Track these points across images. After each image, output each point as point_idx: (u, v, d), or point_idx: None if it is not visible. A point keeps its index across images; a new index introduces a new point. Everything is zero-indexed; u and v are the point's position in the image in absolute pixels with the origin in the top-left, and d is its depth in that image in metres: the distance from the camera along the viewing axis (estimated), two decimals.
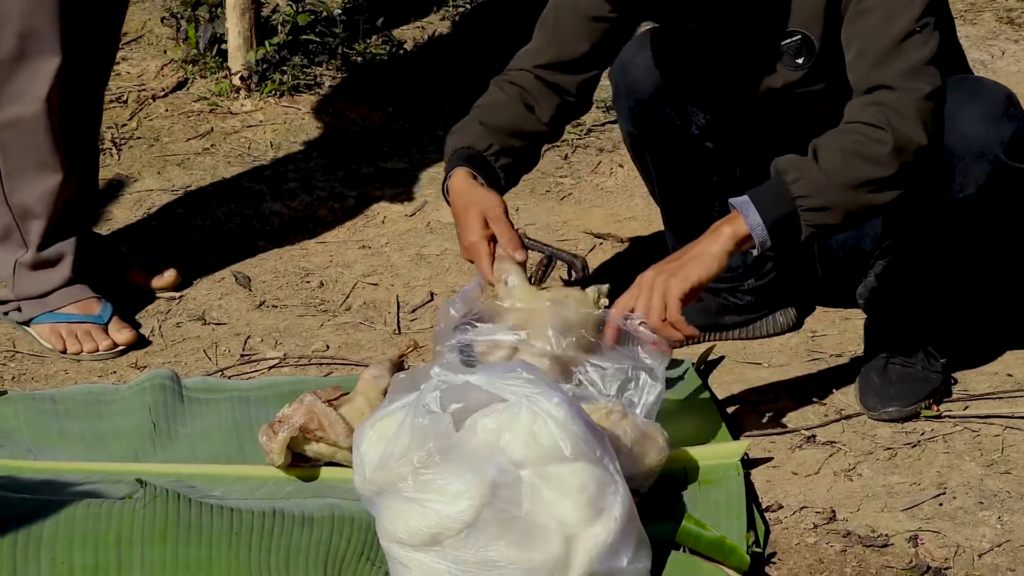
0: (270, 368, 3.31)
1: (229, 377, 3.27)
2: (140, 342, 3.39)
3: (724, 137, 3.14)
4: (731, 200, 2.73)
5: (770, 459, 2.95)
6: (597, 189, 4.13)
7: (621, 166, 4.19)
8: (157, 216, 3.96)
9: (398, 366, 3.01)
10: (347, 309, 3.55)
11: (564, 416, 2.44)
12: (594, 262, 3.72)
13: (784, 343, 3.35)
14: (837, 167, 2.67)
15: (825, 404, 3.12)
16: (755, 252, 2.73)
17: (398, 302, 3.57)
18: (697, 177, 3.19)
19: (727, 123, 3.13)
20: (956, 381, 3.15)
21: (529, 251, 2.91)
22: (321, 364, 3.32)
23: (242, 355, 3.36)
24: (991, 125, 2.80)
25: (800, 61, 2.92)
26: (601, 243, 3.83)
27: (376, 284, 3.65)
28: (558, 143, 4.31)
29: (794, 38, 2.91)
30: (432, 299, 3.58)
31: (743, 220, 2.69)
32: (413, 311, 3.53)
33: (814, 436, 3.01)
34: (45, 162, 3.27)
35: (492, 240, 2.89)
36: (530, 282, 2.87)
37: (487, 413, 2.46)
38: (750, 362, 3.27)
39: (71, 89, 3.27)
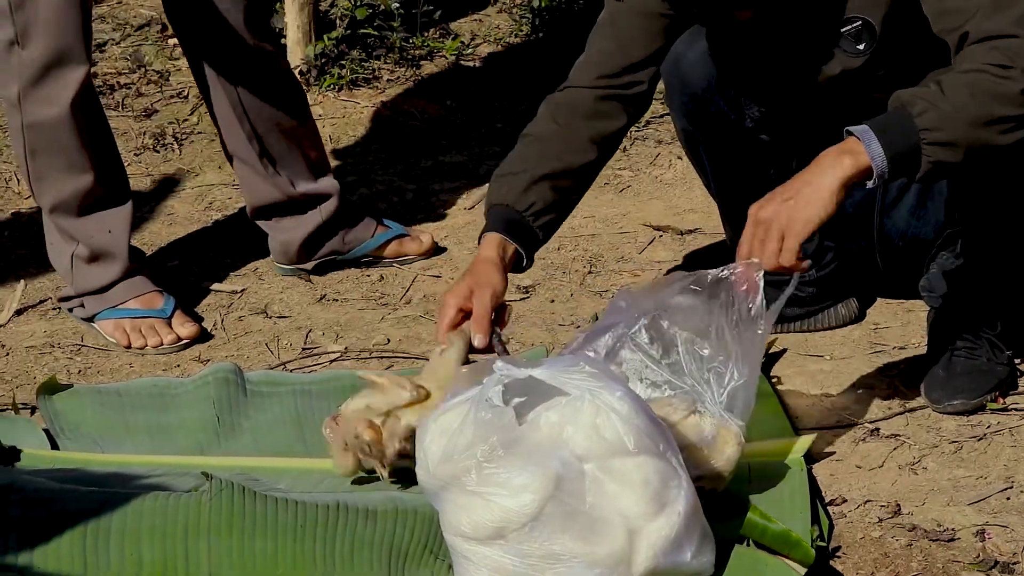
0: (332, 362, 3.32)
1: (291, 371, 3.29)
2: (203, 336, 3.42)
3: (780, 129, 3.13)
4: (849, 128, 2.60)
5: (833, 453, 2.93)
6: (656, 181, 4.13)
7: (680, 158, 4.18)
8: (218, 210, 3.99)
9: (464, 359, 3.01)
10: (407, 303, 3.56)
11: (627, 410, 2.44)
12: (654, 255, 3.72)
13: (846, 335, 3.33)
14: (964, 102, 2.55)
15: (889, 397, 3.10)
16: (870, 184, 2.60)
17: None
18: (753, 170, 3.17)
19: (782, 114, 3.11)
20: (1022, 373, 3.13)
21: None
22: (382, 357, 3.33)
23: (304, 348, 3.37)
24: None
25: (861, 47, 2.89)
26: (660, 235, 3.82)
27: (436, 277, 3.66)
28: None
29: (854, 24, 2.88)
30: None
31: (864, 149, 2.55)
32: None
33: (878, 429, 2.99)
34: (73, 163, 3.31)
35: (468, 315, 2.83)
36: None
37: (550, 407, 2.46)
38: (812, 355, 3.25)
39: (93, 96, 3.32)
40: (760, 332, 2.75)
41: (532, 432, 2.43)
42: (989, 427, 2.97)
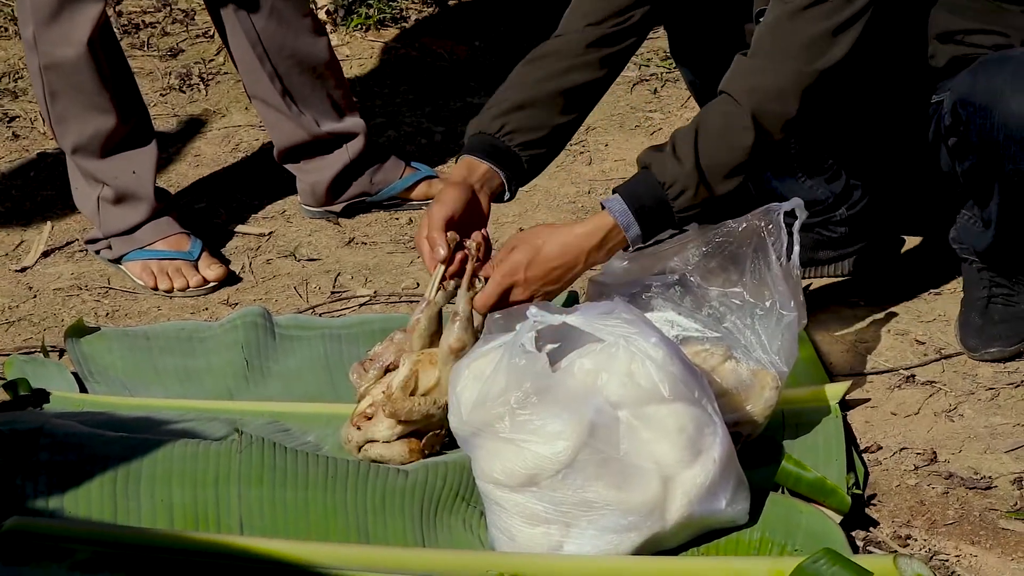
0: (360, 306, 3.30)
1: (320, 314, 3.26)
2: (230, 278, 3.39)
3: None
4: (607, 203, 2.65)
5: (868, 400, 2.90)
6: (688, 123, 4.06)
7: None
8: (244, 151, 3.95)
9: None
10: None
11: (662, 356, 2.41)
12: None
13: (881, 278, 3.28)
14: (716, 171, 2.62)
15: (924, 343, 3.06)
16: (626, 246, 2.67)
17: (487, 239, 3.52)
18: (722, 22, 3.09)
19: None
20: None
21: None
22: (411, 302, 3.30)
23: (332, 292, 3.35)
24: None
25: None
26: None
27: None
28: (647, 77, 4.26)
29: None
30: None
31: (623, 235, 2.64)
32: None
33: (913, 376, 2.96)
34: (94, 103, 3.27)
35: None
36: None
37: (584, 353, 2.43)
38: (847, 299, 3.21)
39: (110, 35, 3.29)
40: (796, 272, 2.72)
41: (566, 379, 2.41)
42: None
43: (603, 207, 2.65)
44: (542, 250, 2.65)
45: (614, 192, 2.67)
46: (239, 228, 3.60)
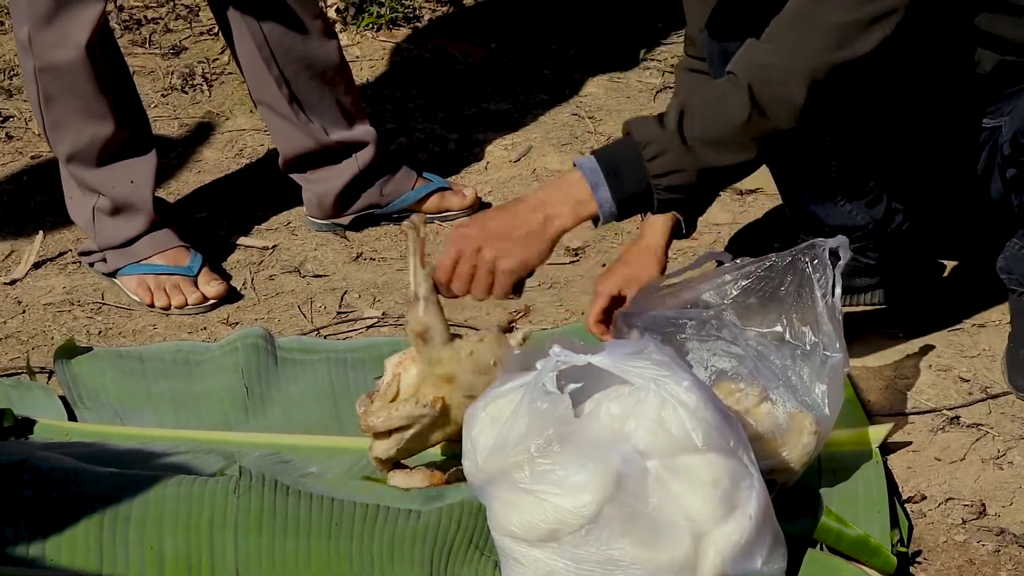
0: (368, 327, 3.11)
1: (325, 336, 3.07)
2: (231, 295, 3.21)
3: None
4: (577, 162, 2.41)
5: (909, 443, 2.71)
6: None
7: None
8: (248, 157, 3.77)
9: (505, 331, 2.79)
10: None
11: (695, 402, 2.22)
12: (713, 217, 3.47)
13: (921, 308, 3.09)
14: (699, 141, 2.37)
15: (968, 380, 2.87)
16: (596, 227, 2.45)
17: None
18: (806, 141, 2.92)
19: None
20: None
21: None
22: None
23: (338, 312, 3.16)
24: None
25: None
26: (719, 195, 3.57)
27: None
28: (671, 84, 4.06)
29: None
30: None
31: (591, 197, 2.38)
32: None
33: (958, 417, 2.77)
34: (91, 109, 3.08)
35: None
36: None
37: (611, 397, 2.25)
38: (885, 330, 3.02)
39: (110, 38, 3.10)
40: (841, 313, 2.55)
41: (591, 425, 2.23)
42: None
43: (574, 165, 2.44)
44: (496, 209, 2.49)
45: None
46: (242, 240, 3.41)
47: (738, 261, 2.58)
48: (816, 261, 2.55)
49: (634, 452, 2.20)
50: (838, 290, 2.56)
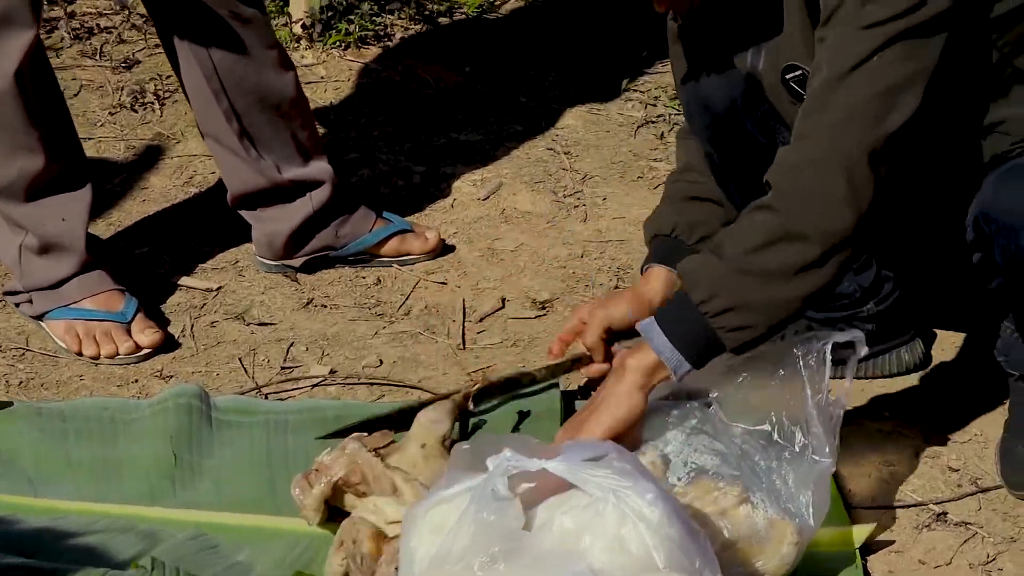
0: (313, 387, 2.88)
1: (266, 395, 2.84)
2: (167, 344, 2.97)
3: None
4: (638, 324, 2.35)
5: (892, 542, 2.49)
6: None
7: None
8: (198, 186, 3.53)
9: (461, 407, 2.58)
10: (406, 314, 3.10)
11: (659, 518, 2.00)
12: None
13: (909, 386, 2.87)
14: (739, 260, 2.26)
15: (958, 471, 2.65)
16: (675, 380, 2.32)
17: (464, 308, 3.12)
18: None
19: None
20: None
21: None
22: (372, 384, 2.88)
23: (283, 368, 2.92)
24: None
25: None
26: None
27: (441, 284, 3.20)
28: (654, 119, 3.84)
29: (797, 72, 2.44)
30: (503, 306, 3.12)
31: (649, 347, 2.30)
32: (481, 320, 3.09)
33: (945, 514, 2.55)
34: (19, 142, 2.83)
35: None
36: None
37: (566, 508, 2.02)
38: (870, 410, 2.79)
39: (43, 64, 2.85)
40: (839, 414, 2.34)
41: (542, 539, 2.01)
42: None
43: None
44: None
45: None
46: (184, 281, 3.18)
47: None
48: (810, 357, 2.34)
49: (589, 572, 1.98)
50: (848, 385, 2.36)
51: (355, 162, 3.61)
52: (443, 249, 3.29)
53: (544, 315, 3.10)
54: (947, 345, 2.95)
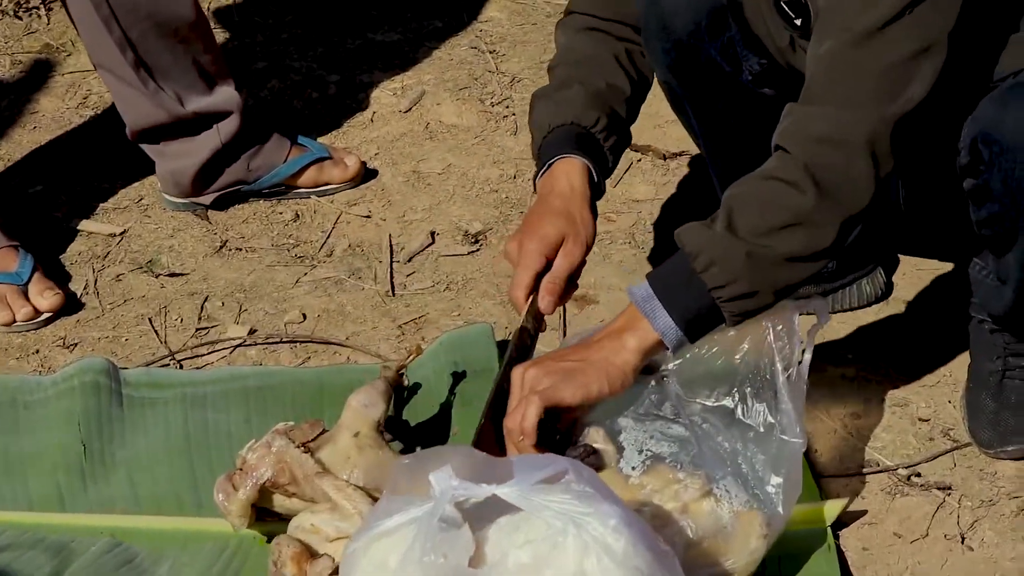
0: (232, 350, 2.65)
1: (180, 363, 2.61)
2: (70, 306, 2.72)
3: (787, 80, 2.43)
4: (631, 289, 2.09)
5: (864, 513, 2.33)
6: None
7: None
8: (93, 107, 3.24)
9: (395, 384, 2.36)
10: (328, 255, 2.87)
11: (623, 547, 1.81)
12: (633, 190, 3.02)
13: (871, 321, 2.68)
14: (756, 244, 2.03)
15: (928, 420, 2.49)
16: (669, 354, 2.12)
17: (391, 246, 2.89)
18: (754, 131, 2.49)
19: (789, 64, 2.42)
20: None
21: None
22: (295, 343, 2.66)
23: (197, 329, 2.69)
24: None
25: (797, 23, 2.21)
26: (639, 159, 3.11)
27: (365, 217, 2.96)
28: None
29: None
30: (433, 242, 2.89)
31: (649, 325, 2.06)
32: (410, 259, 2.86)
33: (918, 474, 2.39)
34: None
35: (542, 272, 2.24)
36: None
37: (521, 543, 1.82)
38: (831, 352, 2.61)
39: None
40: (804, 387, 2.15)
41: None
42: None
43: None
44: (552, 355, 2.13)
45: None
46: (84, 225, 2.91)
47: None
48: (781, 327, 2.14)
49: None
50: (807, 358, 2.16)
51: (264, 72, 3.33)
52: (365, 175, 3.04)
53: (477, 250, 2.88)
54: (909, 275, 2.76)
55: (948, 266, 2.76)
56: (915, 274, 2.77)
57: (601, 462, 2.13)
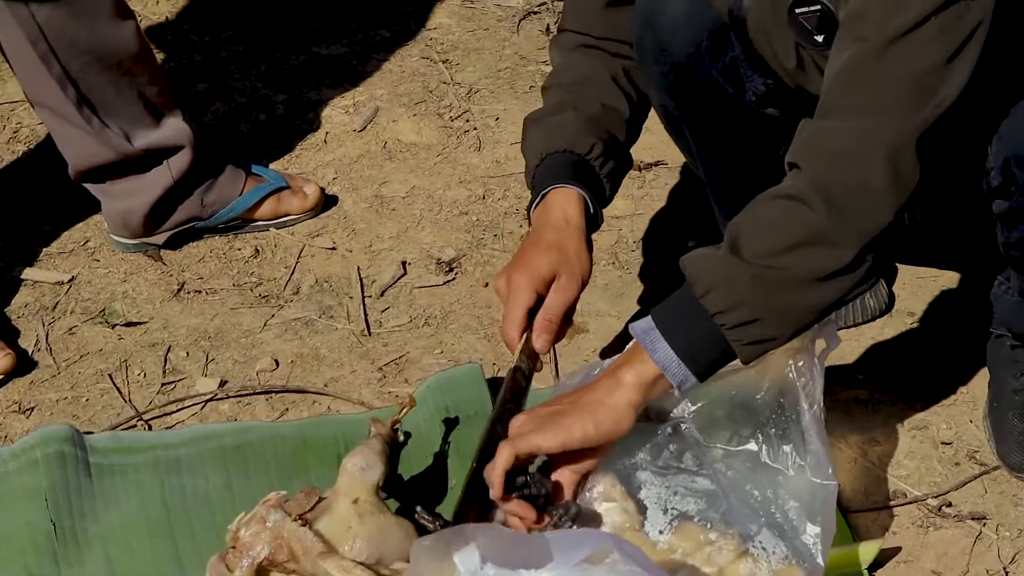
0: (203, 405, 2.45)
1: (148, 423, 2.41)
2: (21, 364, 2.51)
3: (793, 99, 2.28)
4: (632, 325, 1.93)
5: (897, 550, 2.20)
6: None
7: None
8: (25, 140, 3.02)
9: (390, 441, 2.18)
10: (295, 292, 2.68)
11: None
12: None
13: (878, 337, 2.55)
14: (760, 267, 1.86)
15: (951, 444, 2.36)
16: (677, 394, 1.95)
17: (361, 280, 2.70)
18: (758, 154, 2.34)
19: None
20: None
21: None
22: (270, 394, 2.47)
23: (163, 384, 2.49)
24: None
25: (819, 39, 2.06)
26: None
27: (330, 250, 2.77)
28: (535, 8, 3.40)
29: (812, 8, 2.04)
30: (405, 272, 2.71)
31: (648, 358, 1.89)
32: (382, 293, 2.67)
33: (949, 504, 2.26)
34: None
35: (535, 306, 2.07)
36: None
37: None
38: (840, 375, 2.46)
39: None
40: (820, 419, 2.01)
41: None
42: None
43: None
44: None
45: None
46: (27, 274, 2.70)
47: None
48: (802, 363, 1.99)
49: None
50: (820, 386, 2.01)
51: (205, 95, 3.13)
52: (325, 202, 2.86)
53: (453, 279, 2.70)
54: (909, 285, 2.63)
55: (948, 274, 2.64)
56: (915, 283, 2.64)
57: (602, 520, 1.98)
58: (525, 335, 2.08)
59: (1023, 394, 2.31)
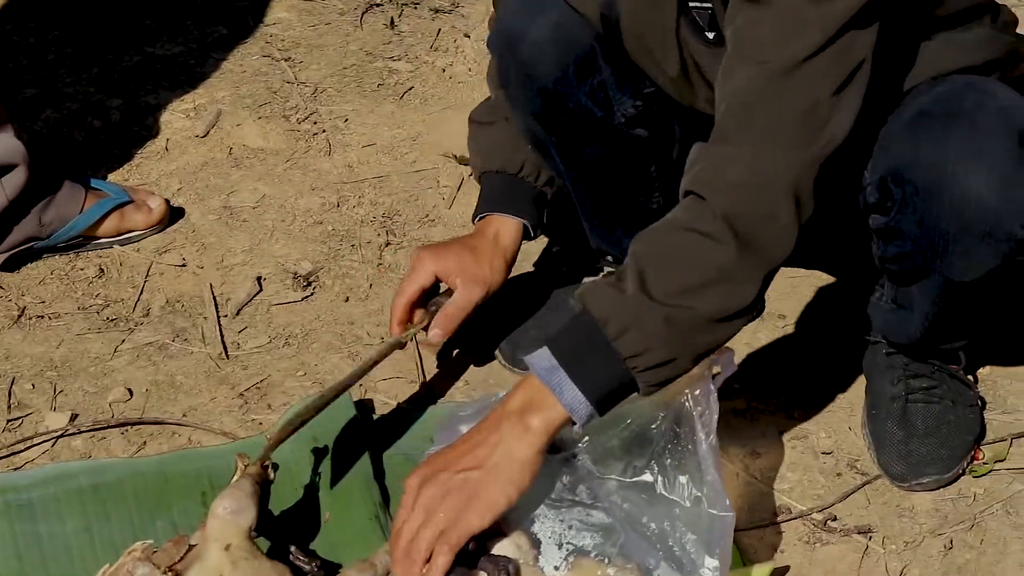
0: (54, 442, 2.31)
1: None
2: None
3: (662, 119, 2.23)
4: (530, 360, 1.85)
5: (786, 569, 2.15)
6: (443, 77, 3.14)
7: (467, 35, 3.21)
8: None
9: (261, 480, 2.06)
10: (145, 314, 2.54)
11: None
12: (470, 208, 2.77)
13: (752, 343, 2.50)
14: (673, 303, 1.81)
15: (831, 454, 2.32)
16: (578, 430, 1.89)
17: (215, 298, 2.57)
18: (628, 174, 2.29)
19: (665, 102, 2.22)
20: (984, 403, 2.39)
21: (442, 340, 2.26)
22: (126, 427, 2.33)
23: (8, 420, 2.34)
24: (1002, 191, 1.93)
25: (710, 36, 2.02)
26: (470, 174, 2.85)
27: (180, 267, 2.64)
28: (379, 1, 3.29)
29: (704, 4, 2.00)
30: (261, 289, 2.59)
31: (555, 402, 1.83)
32: (238, 312, 2.55)
33: (834, 518, 2.22)
34: None
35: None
36: None
37: None
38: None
39: None
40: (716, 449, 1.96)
41: None
42: (976, 501, 2.24)
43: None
44: (448, 450, 1.89)
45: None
46: None
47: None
48: (699, 392, 1.93)
49: None
50: (715, 418, 1.96)
51: (34, 101, 2.96)
52: (171, 215, 2.72)
53: (311, 295, 2.59)
54: (778, 286, 2.59)
55: (815, 274, 2.60)
56: (785, 284, 2.60)
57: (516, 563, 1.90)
58: (411, 313, 2.23)
59: (900, 400, 2.29)
